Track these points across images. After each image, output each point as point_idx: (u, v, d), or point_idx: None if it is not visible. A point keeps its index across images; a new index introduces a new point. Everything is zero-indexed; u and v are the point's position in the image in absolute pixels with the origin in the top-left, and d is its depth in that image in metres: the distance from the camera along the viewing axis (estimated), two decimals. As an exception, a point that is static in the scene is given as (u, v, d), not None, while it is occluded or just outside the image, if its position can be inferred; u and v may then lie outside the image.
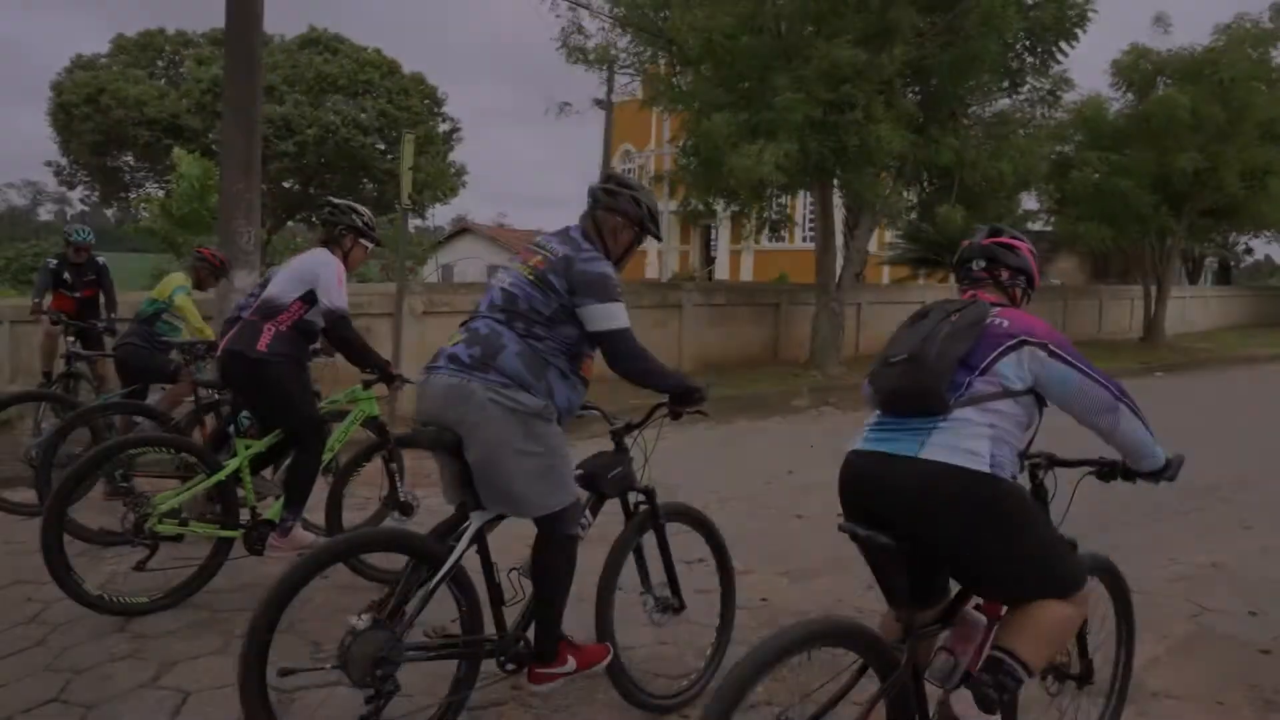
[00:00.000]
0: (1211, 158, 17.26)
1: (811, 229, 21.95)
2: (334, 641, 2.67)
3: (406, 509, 4.67)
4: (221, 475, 4.14)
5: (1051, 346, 2.34)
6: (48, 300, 7.61)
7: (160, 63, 32.37)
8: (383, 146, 30.08)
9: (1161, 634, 4.01)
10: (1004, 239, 2.65)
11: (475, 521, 2.85)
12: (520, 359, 2.76)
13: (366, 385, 4.64)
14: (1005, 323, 2.38)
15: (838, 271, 14.34)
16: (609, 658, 3.05)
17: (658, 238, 3.26)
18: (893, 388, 2.35)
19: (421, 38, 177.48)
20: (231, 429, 4.48)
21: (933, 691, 2.39)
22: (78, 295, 7.73)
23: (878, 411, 2.46)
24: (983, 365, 2.32)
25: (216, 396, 5.35)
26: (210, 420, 5.58)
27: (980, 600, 2.44)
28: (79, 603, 3.80)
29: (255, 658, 2.47)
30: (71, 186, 33.62)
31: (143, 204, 26.13)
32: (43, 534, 3.71)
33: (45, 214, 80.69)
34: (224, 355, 4.15)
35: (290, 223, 33.39)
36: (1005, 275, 2.61)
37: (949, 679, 2.35)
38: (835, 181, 13.70)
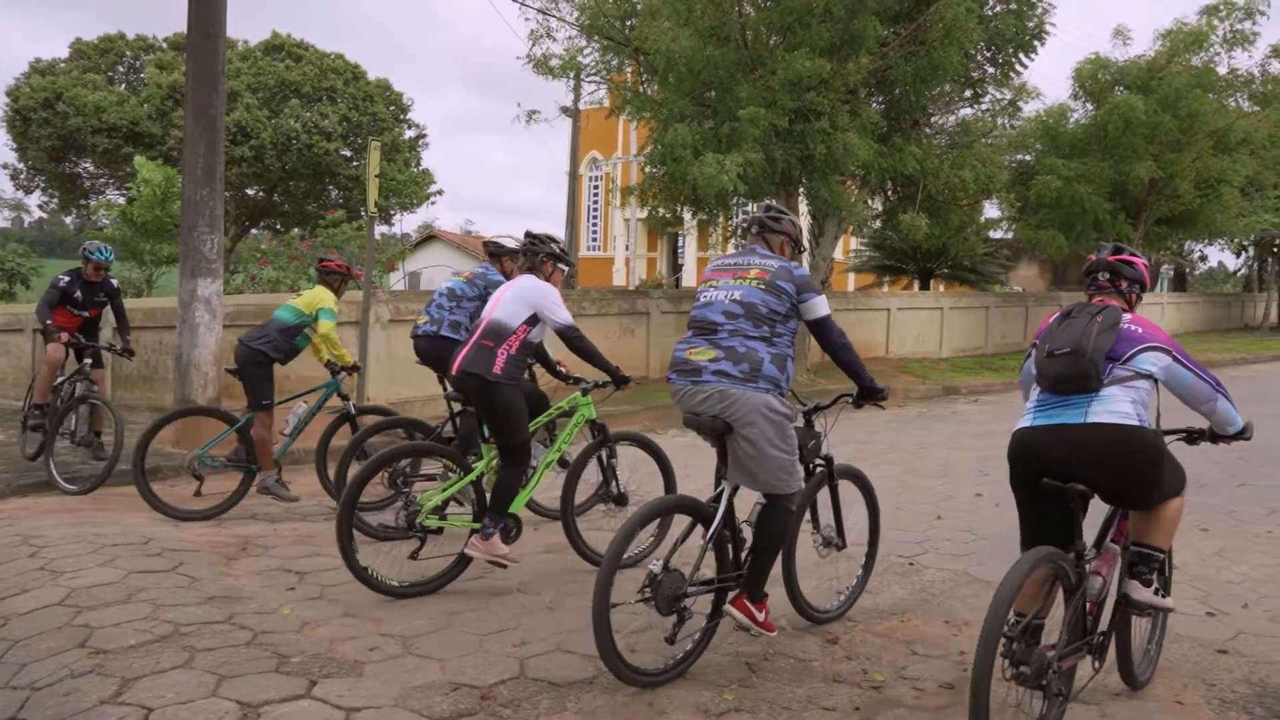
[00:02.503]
0: (1166, 167, 17.65)
1: (778, 237, 22.09)
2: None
3: (622, 500, 5.18)
4: (473, 476, 4.66)
5: (1175, 354, 3.23)
6: None
7: (120, 68, 31.86)
8: (348, 153, 29.83)
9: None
10: (1124, 256, 3.44)
11: (729, 488, 3.76)
12: (774, 364, 3.67)
13: (585, 391, 5.15)
14: (1139, 329, 3.23)
15: (804, 279, 14.44)
16: (774, 632, 3.88)
17: (801, 249, 4.13)
18: (1060, 373, 3.15)
19: (387, 45, 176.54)
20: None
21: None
22: (85, 315, 7.46)
23: (1039, 391, 3.27)
24: (1123, 358, 3.16)
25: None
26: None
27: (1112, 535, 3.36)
28: (365, 585, 4.38)
29: (603, 602, 3.30)
30: (29, 192, 32.97)
31: (103, 210, 25.67)
32: (338, 527, 4.32)
33: (1, 220, 78.99)
34: (461, 375, 4.56)
35: (254, 230, 32.98)
36: (1124, 284, 3.42)
37: (1097, 595, 3.19)
38: (801, 189, 13.82)
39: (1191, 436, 3.51)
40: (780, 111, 11.78)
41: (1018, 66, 14.61)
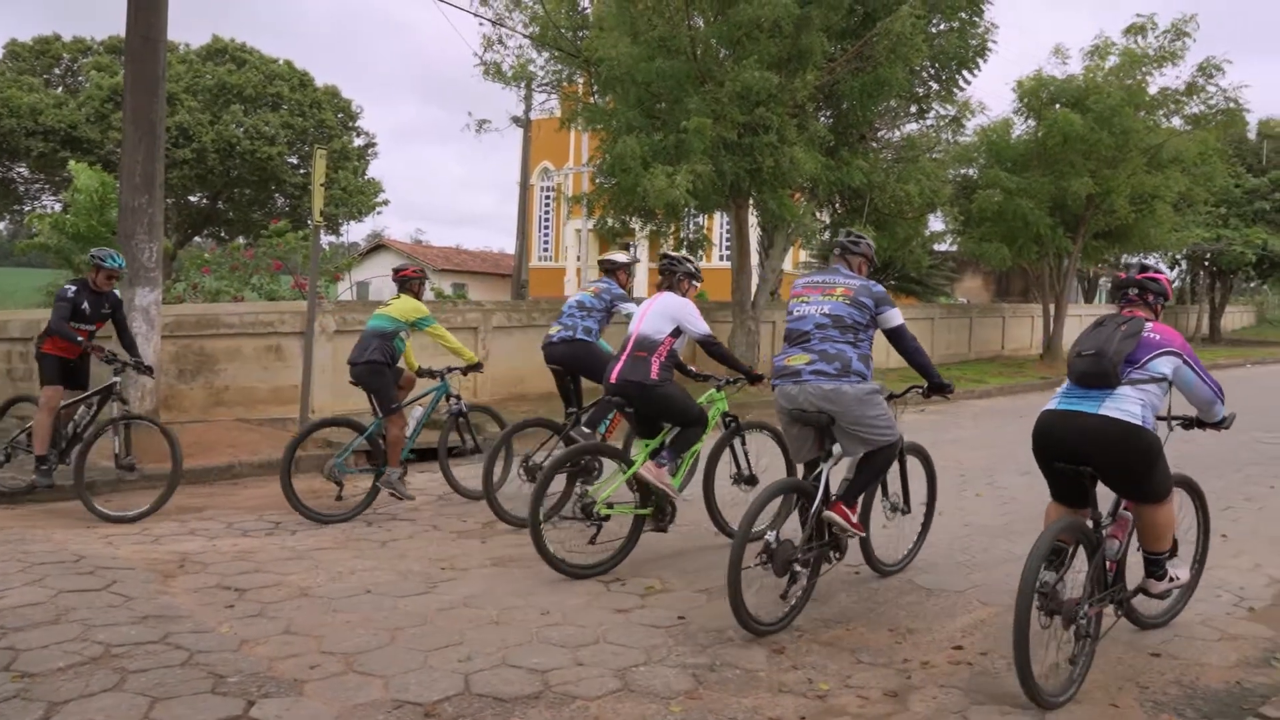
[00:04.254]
0: (1103, 182, 18.18)
1: (728, 249, 22.28)
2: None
3: (752, 480, 5.79)
4: (636, 468, 5.15)
5: (1185, 357, 3.79)
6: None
7: (57, 70, 31.01)
8: (295, 160, 29.36)
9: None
10: (1149, 274, 4.05)
11: (826, 469, 4.51)
12: (860, 362, 4.47)
13: (718, 388, 5.87)
14: (1157, 336, 3.79)
15: (753, 290, 14.58)
16: (864, 533, 4.80)
17: (876, 266, 4.32)
18: (1084, 370, 3.74)
19: (338, 54, 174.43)
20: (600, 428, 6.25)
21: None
22: (92, 328, 6.94)
23: (1068, 383, 3.86)
24: (1140, 361, 3.73)
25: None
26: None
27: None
28: (551, 566, 4.92)
29: (737, 565, 4.00)
30: (-43, 198, 31.81)
31: (35, 219, 24.92)
32: (531, 519, 4.87)
33: (-72, 226, 76.11)
34: (622, 383, 5.26)
35: (198, 238, 32.25)
36: (1150, 298, 4.02)
37: (1114, 554, 3.92)
38: (751, 202, 13.95)
39: (1185, 423, 4.17)
40: (729, 124, 11.88)
41: (961, 83, 14.96)
